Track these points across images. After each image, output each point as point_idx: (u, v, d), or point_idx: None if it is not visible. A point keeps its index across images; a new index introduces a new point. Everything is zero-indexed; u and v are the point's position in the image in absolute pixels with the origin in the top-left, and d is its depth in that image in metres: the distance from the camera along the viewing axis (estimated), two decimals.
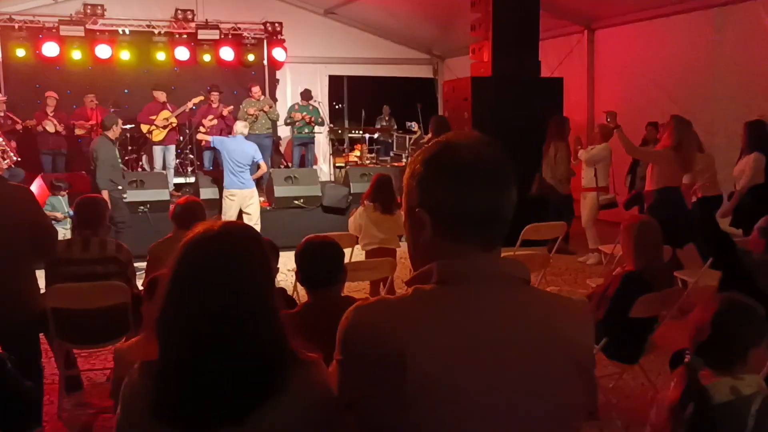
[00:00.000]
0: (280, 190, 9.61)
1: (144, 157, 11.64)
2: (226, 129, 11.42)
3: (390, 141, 12.77)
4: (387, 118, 12.98)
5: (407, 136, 12.20)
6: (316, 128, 12.05)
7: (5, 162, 6.80)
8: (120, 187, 8.18)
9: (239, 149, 8.55)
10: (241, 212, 8.71)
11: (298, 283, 3.39)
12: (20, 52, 11.13)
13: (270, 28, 12.56)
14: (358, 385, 1.29)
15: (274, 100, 12.55)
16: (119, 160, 8.41)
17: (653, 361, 4.40)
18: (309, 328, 1.74)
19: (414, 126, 12.07)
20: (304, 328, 1.66)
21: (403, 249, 6.64)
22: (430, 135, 8.79)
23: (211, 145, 9.06)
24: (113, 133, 8.14)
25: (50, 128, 10.53)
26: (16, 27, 11.12)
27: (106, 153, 8.00)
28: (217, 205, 8.98)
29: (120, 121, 8.44)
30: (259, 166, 8.83)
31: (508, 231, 1.34)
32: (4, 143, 7.28)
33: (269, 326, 1.51)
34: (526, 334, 1.26)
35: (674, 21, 9.12)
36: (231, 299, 1.47)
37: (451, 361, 1.21)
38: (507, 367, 1.23)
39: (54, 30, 11.19)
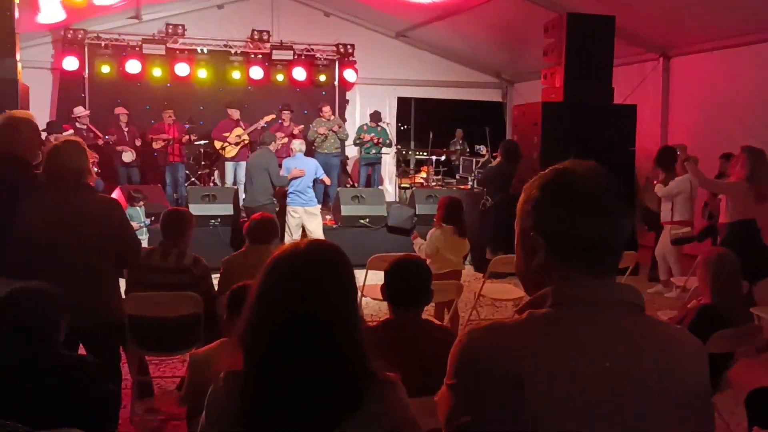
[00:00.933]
0: (347, 209, 9.72)
1: (216, 173, 11.97)
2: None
3: (458, 164, 12.77)
4: (460, 142, 12.98)
5: (474, 159, 12.17)
6: (384, 149, 12.17)
7: None
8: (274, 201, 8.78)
9: (300, 167, 8.74)
10: (303, 229, 8.86)
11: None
12: (105, 69, 11.62)
13: (342, 50, 12.79)
14: (472, 410, 1.27)
15: (344, 120, 12.74)
16: None
17: (727, 399, 4.25)
18: (387, 346, 1.77)
19: (482, 149, 12.05)
20: (382, 345, 1.68)
21: (466, 271, 6.64)
22: (498, 159, 8.76)
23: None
24: (274, 147, 8.86)
25: (127, 158, 10.95)
26: (103, 45, 11.64)
27: (274, 165, 8.55)
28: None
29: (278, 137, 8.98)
30: (321, 180, 9.02)
31: (620, 259, 1.36)
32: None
33: (352, 344, 1.54)
34: (645, 361, 1.26)
35: (753, 50, 8.86)
36: (317, 315, 1.52)
37: (569, 385, 1.21)
38: (626, 394, 1.23)
39: (137, 48, 11.66)
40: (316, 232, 8.83)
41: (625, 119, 8.99)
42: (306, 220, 8.84)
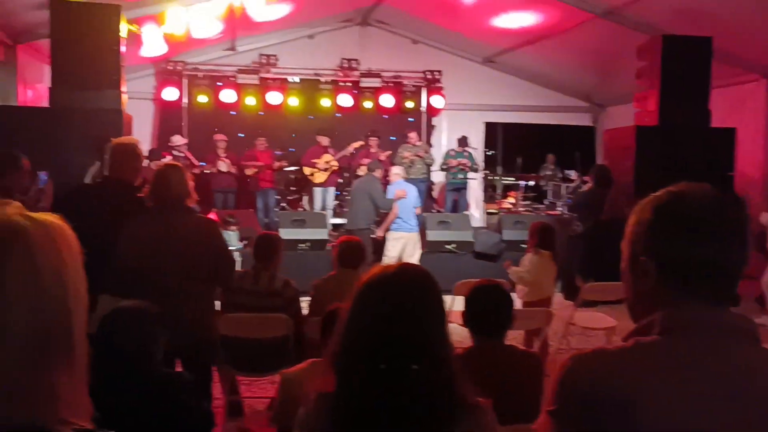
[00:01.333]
0: (433, 234, 9.72)
1: (305, 198, 12.24)
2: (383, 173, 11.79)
3: (547, 189, 12.55)
4: (551, 167, 12.78)
5: (563, 185, 11.95)
6: (470, 174, 12.12)
7: None
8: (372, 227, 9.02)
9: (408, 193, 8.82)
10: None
11: None
12: (202, 99, 12.15)
13: (429, 76, 12.89)
14: None
15: (430, 145, 12.80)
16: None
17: None
18: (471, 373, 1.76)
19: (572, 174, 11.82)
20: (466, 372, 1.67)
21: (555, 299, 6.48)
22: (589, 184, 8.57)
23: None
24: (379, 173, 9.13)
25: (223, 168, 11.35)
26: (200, 76, 12.19)
27: (378, 190, 8.85)
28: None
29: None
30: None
31: (737, 286, 1.31)
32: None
33: (442, 368, 1.54)
34: (762, 392, 1.21)
35: None
36: (406, 339, 1.52)
37: (682, 414, 1.17)
38: (742, 426, 1.19)
39: (232, 78, 12.14)
40: (416, 257, 8.85)
41: (723, 143, 8.63)
42: (408, 246, 8.84)
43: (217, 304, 4.42)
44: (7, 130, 6.95)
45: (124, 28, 7.62)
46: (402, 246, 8.80)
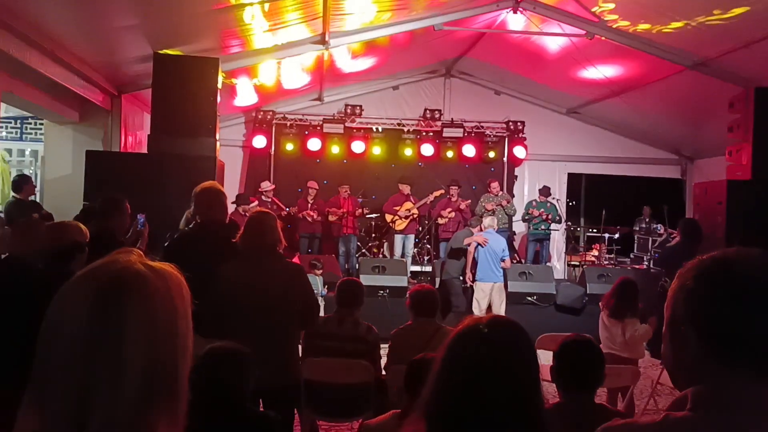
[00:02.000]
0: (514, 285, 9.61)
1: (385, 244, 12.36)
2: (462, 222, 11.79)
3: (639, 242, 12.21)
4: (647, 219, 12.48)
5: (650, 238, 11.62)
6: (553, 225, 11.97)
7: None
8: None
9: (495, 243, 8.83)
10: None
11: None
12: (289, 146, 12.56)
13: (512, 127, 12.90)
14: None
15: (512, 195, 12.72)
16: None
17: None
18: (561, 430, 1.74)
19: (660, 228, 11.49)
20: (554, 429, 1.66)
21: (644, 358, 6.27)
22: (677, 238, 8.32)
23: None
24: (477, 229, 9.20)
25: (309, 219, 11.63)
26: (288, 124, 12.61)
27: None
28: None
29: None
30: (503, 260, 8.97)
31: None
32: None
33: (534, 424, 1.54)
34: None
35: None
36: (499, 393, 1.53)
37: None
38: None
39: (318, 127, 12.50)
40: (502, 308, 8.79)
41: None
42: (494, 296, 8.81)
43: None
44: (111, 174, 7.39)
45: (220, 80, 8.02)
46: (488, 295, 8.75)
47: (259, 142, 12.38)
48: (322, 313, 7.27)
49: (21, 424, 1.04)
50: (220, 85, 8.03)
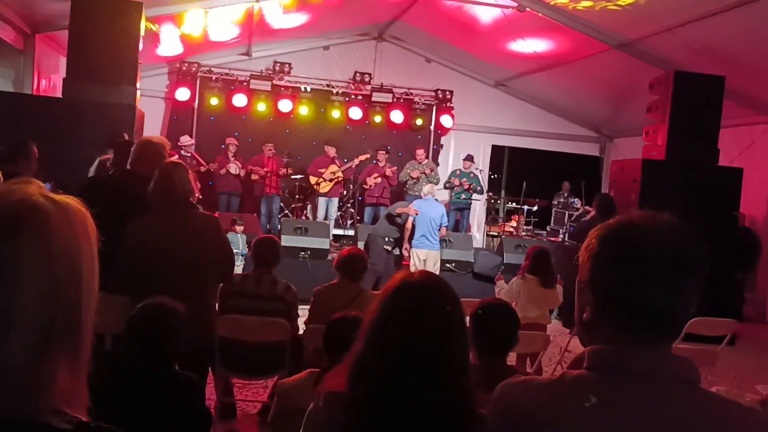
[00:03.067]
0: None
1: (309, 207, 12.26)
2: (387, 188, 11.83)
3: (557, 216, 12.56)
4: (566, 194, 12.82)
5: (566, 212, 11.97)
6: (474, 195, 12.15)
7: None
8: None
9: (434, 211, 8.90)
10: None
11: None
12: (213, 101, 12.20)
13: (440, 95, 12.96)
14: None
15: (436, 164, 12.83)
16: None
17: None
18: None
19: (577, 203, 11.85)
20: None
21: (552, 325, 6.48)
22: (592, 213, 8.59)
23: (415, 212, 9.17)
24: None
25: (234, 170, 11.38)
26: (213, 78, 12.23)
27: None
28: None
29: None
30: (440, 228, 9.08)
31: (680, 329, 1.24)
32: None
33: (463, 376, 1.54)
34: None
35: None
36: (431, 345, 1.53)
37: None
38: None
39: (245, 83, 12.19)
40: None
41: (730, 182, 8.66)
42: (429, 264, 8.87)
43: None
44: (20, 117, 6.98)
45: (143, 26, 7.67)
46: (422, 263, 8.83)
47: (182, 94, 11.98)
48: (240, 272, 7.19)
49: None
50: (142, 32, 7.67)
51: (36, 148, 4.97)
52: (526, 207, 12.61)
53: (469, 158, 12.17)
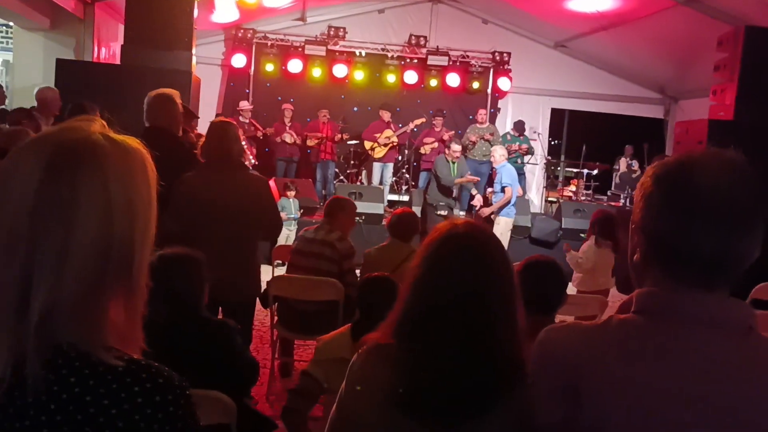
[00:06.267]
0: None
1: (363, 172, 12.26)
2: (444, 152, 11.68)
3: (618, 181, 12.24)
4: (628, 159, 12.47)
5: (629, 176, 11.64)
6: (528, 159, 11.91)
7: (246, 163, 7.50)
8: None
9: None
10: None
11: None
12: (269, 67, 12.23)
13: (498, 58, 12.68)
14: (542, 409, 1.22)
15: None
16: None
17: None
18: None
19: (634, 165, 11.50)
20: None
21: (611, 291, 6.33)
22: None
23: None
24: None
25: (289, 140, 11.45)
26: (269, 44, 12.26)
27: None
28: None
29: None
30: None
31: (738, 276, 1.14)
32: (246, 146, 8.04)
33: (513, 329, 1.49)
34: (736, 390, 1.07)
35: None
36: (478, 294, 1.48)
37: (631, 400, 1.08)
38: (704, 425, 1.06)
39: (300, 49, 12.18)
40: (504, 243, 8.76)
41: None
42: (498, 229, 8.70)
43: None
44: (81, 84, 7.15)
45: None
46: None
47: (239, 61, 12.06)
48: (294, 237, 7.27)
49: None
50: None
51: (99, 113, 5.07)
52: (585, 171, 12.30)
53: (519, 127, 11.89)
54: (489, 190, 9.33)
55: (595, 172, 12.35)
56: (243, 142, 3.97)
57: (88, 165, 0.98)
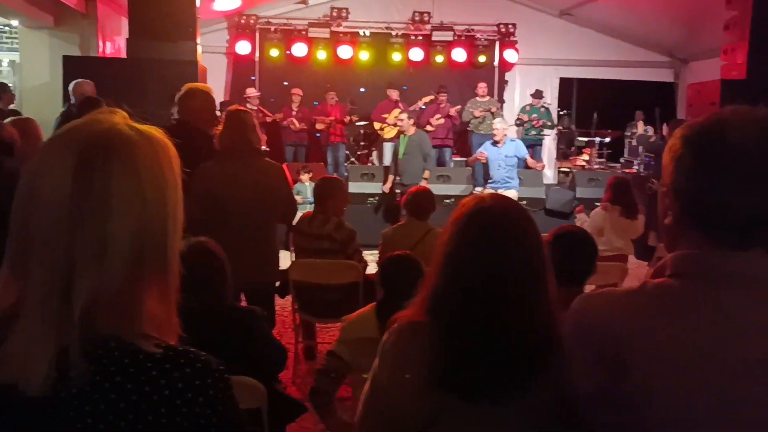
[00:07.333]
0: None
1: (374, 153, 12.23)
2: (452, 128, 11.62)
3: (630, 147, 12.13)
4: (639, 124, 12.37)
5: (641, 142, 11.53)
6: (545, 131, 11.82)
7: None
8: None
9: (506, 149, 8.84)
10: None
11: None
12: (274, 53, 12.18)
13: (503, 30, 12.54)
14: (577, 378, 1.21)
15: (502, 101, 12.52)
16: None
17: None
18: None
19: (650, 131, 11.39)
20: None
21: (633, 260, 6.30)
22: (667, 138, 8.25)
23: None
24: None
25: (294, 127, 11.42)
26: (272, 29, 12.20)
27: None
28: (439, 201, 9.17)
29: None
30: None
31: None
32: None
33: (546, 304, 1.48)
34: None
35: None
36: (511, 270, 1.46)
37: (674, 365, 1.07)
38: (752, 388, 1.05)
39: (303, 32, 12.10)
40: None
41: None
42: None
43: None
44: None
45: None
46: None
47: (243, 48, 12.02)
48: None
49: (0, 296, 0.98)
50: None
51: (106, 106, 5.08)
52: (597, 139, 12.19)
53: (538, 94, 11.79)
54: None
55: (608, 139, 12.24)
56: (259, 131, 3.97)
57: (119, 155, 0.99)
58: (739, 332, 1.07)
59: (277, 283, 4.49)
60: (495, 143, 8.84)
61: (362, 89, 12.59)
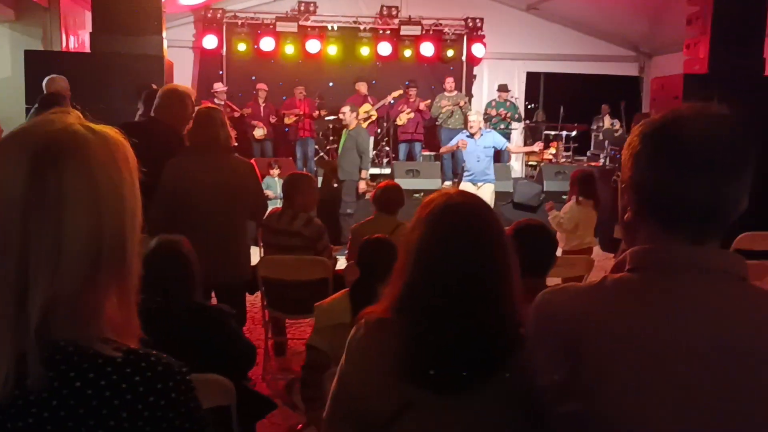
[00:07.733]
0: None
1: None
2: (421, 123, 11.66)
3: (596, 140, 12.27)
4: (605, 118, 12.52)
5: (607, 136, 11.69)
6: (513, 124, 11.92)
7: None
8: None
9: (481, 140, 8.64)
10: None
11: None
12: (241, 47, 12.09)
13: (471, 24, 12.61)
14: (541, 369, 1.23)
15: (470, 95, 12.59)
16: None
17: None
18: None
19: (616, 124, 11.55)
20: None
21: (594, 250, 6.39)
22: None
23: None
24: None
25: (258, 134, 11.31)
26: (239, 23, 12.11)
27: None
28: (409, 195, 9.18)
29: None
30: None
31: (728, 226, 1.16)
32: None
33: (512, 299, 1.50)
34: (737, 338, 1.09)
35: None
36: (480, 266, 1.48)
37: (631, 357, 1.09)
38: (707, 375, 1.08)
39: (271, 26, 12.03)
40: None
41: None
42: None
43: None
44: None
45: None
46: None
47: (210, 42, 11.91)
48: None
49: None
50: None
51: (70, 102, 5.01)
52: (564, 132, 12.33)
53: (503, 88, 11.89)
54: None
55: (574, 133, 12.39)
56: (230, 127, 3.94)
57: (73, 155, 0.96)
58: (693, 322, 1.10)
59: None
60: (471, 136, 8.71)
61: (331, 84, 12.57)
